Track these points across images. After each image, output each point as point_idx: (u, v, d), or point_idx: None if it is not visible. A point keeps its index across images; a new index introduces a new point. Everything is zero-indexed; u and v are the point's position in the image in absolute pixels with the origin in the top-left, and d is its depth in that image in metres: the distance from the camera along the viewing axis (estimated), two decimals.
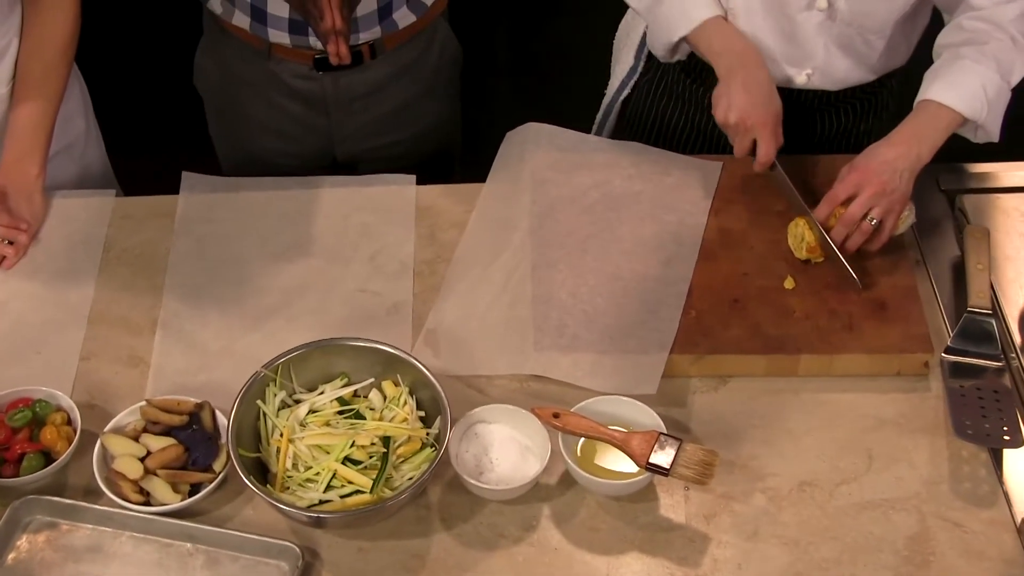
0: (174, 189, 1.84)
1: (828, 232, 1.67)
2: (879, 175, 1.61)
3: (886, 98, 1.92)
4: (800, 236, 1.68)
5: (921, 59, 1.87)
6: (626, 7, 2.00)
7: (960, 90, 1.63)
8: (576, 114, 2.04)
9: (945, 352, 1.63)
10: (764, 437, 1.55)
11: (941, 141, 1.64)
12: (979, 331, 1.63)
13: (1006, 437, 1.52)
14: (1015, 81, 1.68)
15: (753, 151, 1.71)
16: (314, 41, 1.87)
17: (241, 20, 1.87)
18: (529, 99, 2.89)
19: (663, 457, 1.43)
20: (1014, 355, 1.63)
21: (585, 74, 1.88)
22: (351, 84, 1.93)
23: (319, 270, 1.72)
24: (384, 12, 1.86)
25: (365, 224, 1.79)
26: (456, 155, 2.26)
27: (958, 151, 1.77)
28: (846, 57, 1.78)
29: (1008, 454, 1.54)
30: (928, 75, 1.68)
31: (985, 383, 1.59)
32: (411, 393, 1.50)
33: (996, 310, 1.67)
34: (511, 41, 3.57)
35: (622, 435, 1.46)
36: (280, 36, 1.86)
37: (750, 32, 1.75)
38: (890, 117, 1.94)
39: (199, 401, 1.51)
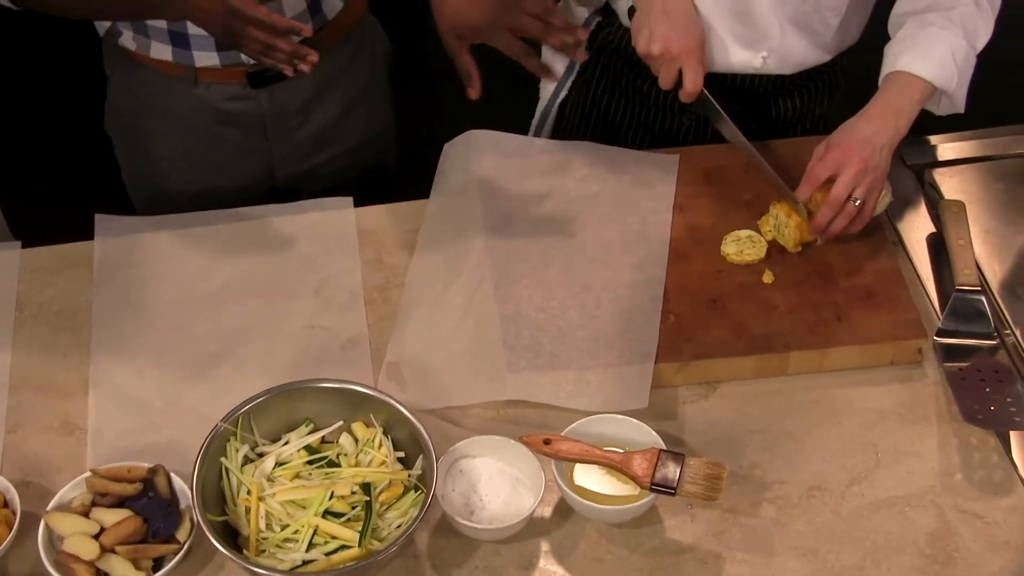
0: (82, 235, 1.76)
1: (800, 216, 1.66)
2: (860, 152, 1.61)
3: (838, 78, 1.93)
4: (784, 223, 1.67)
5: (866, 34, 1.89)
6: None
7: (931, 59, 1.64)
8: (515, 120, 2.01)
9: (937, 335, 1.63)
10: (764, 443, 1.54)
11: (916, 113, 1.65)
12: (970, 310, 1.64)
13: (1016, 418, 1.53)
14: (980, 46, 1.70)
15: (679, 82, 1.70)
16: (246, 56, 1.80)
17: (161, 51, 1.80)
18: (462, 104, 2.85)
19: (668, 475, 1.40)
20: (1008, 331, 1.64)
21: (523, 76, 1.85)
22: (287, 97, 1.88)
23: (261, 309, 1.66)
24: (314, 7, 1.81)
25: (305, 254, 1.73)
26: (394, 169, 2.22)
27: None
28: (802, 37, 1.78)
29: (1016, 436, 1.54)
30: (894, 45, 1.69)
31: (983, 363, 1.60)
32: (385, 433, 1.46)
33: (984, 286, 1.68)
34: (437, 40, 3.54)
35: (621, 456, 1.43)
36: (208, 58, 1.80)
37: (703, 15, 1.74)
38: (843, 97, 1.95)
39: (151, 466, 1.44)
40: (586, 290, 1.65)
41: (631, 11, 1.75)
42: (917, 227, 1.79)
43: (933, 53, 1.64)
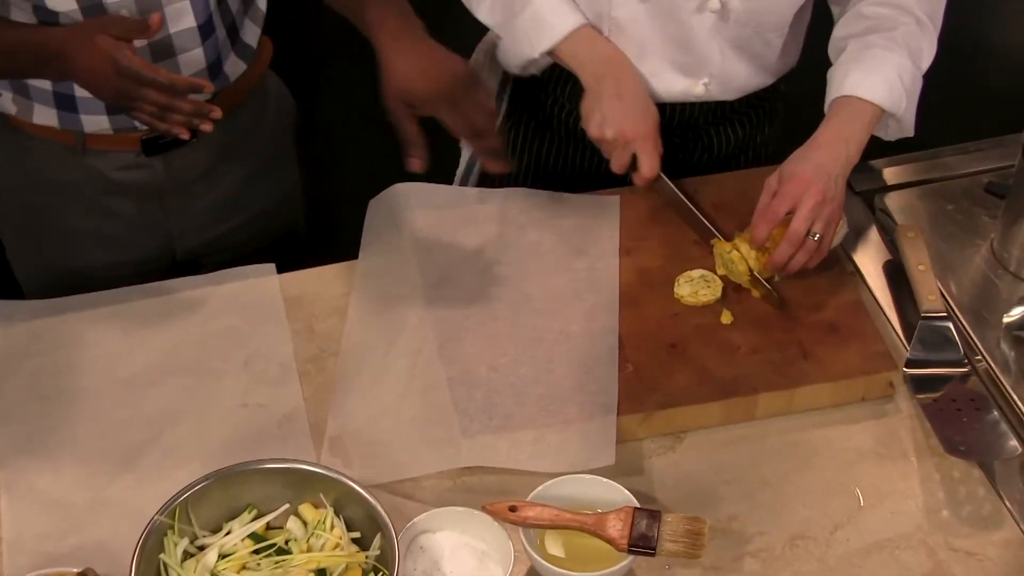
0: None
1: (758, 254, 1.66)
2: (816, 183, 1.60)
3: (778, 105, 1.94)
4: (739, 258, 1.65)
5: (803, 59, 1.91)
6: (472, 48, 1.97)
7: (877, 81, 1.65)
8: (430, 177, 1.98)
9: (907, 366, 1.63)
10: (739, 493, 1.52)
11: (866, 138, 1.67)
12: (937, 337, 1.65)
13: (1000, 447, 1.53)
14: (925, 66, 1.71)
15: (634, 165, 1.69)
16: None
17: (45, 116, 1.73)
18: (373, 161, 2.82)
19: (645, 535, 1.37)
20: (979, 357, 1.65)
21: (439, 128, 1.84)
22: (187, 164, 1.82)
23: (187, 390, 1.61)
24: (214, 68, 1.76)
25: (229, 328, 1.68)
26: (304, 234, 2.17)
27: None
28: (743, 60, 1.79)
29: (1000, 466, 1.54)
30: (837, 70, 1.70)
31: (956, 391, 1.60)
32: (337, 513, 1.41)
33: (949, 312, 1.68)
34: (345, 92, 3.52)
35: (593, 518, 1.40)
36: (97, 123, 1.74)
37: (638, 43, 1.74)
38: (782, 124, 1.96)
39: (79, 570, 1.37)
40: (537, 344, 1.62)
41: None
42: (872, 255, 1.79)
43: (879, 75, 1.65)
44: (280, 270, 1.77)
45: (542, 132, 1.91)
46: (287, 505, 1.42)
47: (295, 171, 2.06)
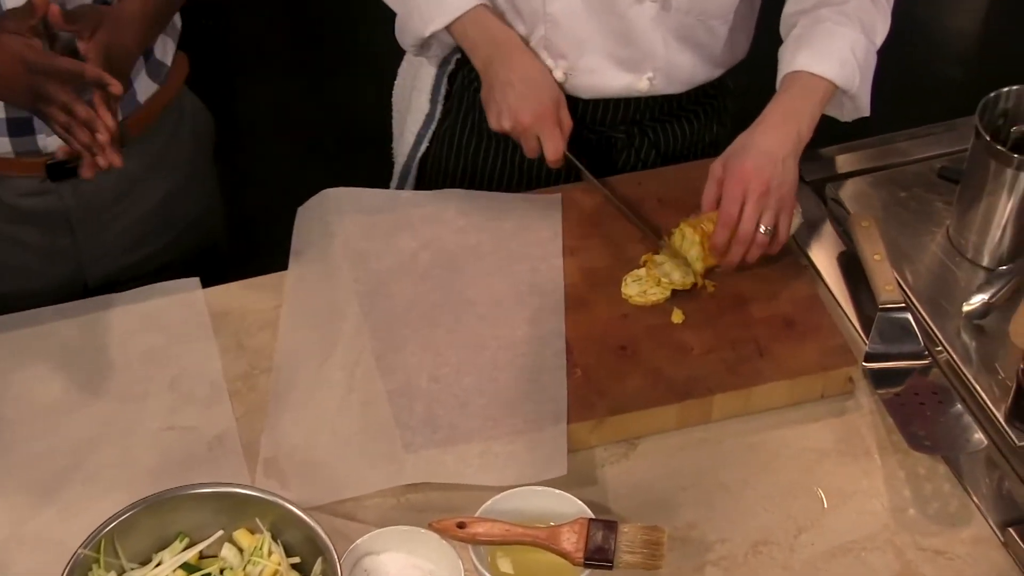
0: None
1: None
2: (760, 172, 1.59)
3: (727, 101, 1.93)
4: (691, 244, 1.64)
5: (753, 54, 1.90)
6: (402, 53, 1.95)
7: (829, 56, 1.65)
8: (372, 177, 1.97)
9: (866, 360, 1.63)
10: (697, 499, 1.51)
11: (818, 116, 1.66)
12: (896, 329, 1.65)
13: (964, 440, 1.53)
14: (879, 41, 1.71)
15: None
16: (44, 142, 1.70)
17: None
18: (296, 170, 2.80)
19: (602, 547, 1.36)
20: (939, 347, 1.65)
21: (366, 138, 1.82)
22: (97, 190, 1.78)
23: (109, 414, 1.58)
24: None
25: (153, 347, 1.65)
26: (224, 252, 2.14)
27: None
28: (688, 51, 1.78)
29: (965, 460, 1.54)
30: (788, 46, 1.69)
31: (918, 385, 1.60)
32: (275, 538, 1.38)
33: (907, 302, 1.68)
34: (266, 105, 3.50)
35: (546, 531, 1.38)
36: None
37: (576, 39, 1.73)
38: (733, 122, 1.95)
39: None
40: (480, 351, 1.60)
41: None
42: (826, 247, 1.79)
43: (831, 50, 1.65)
44: (204, 285, 1.73)
45: (479, 132, 1.89)
46: (221, 531, 1.39)
47: (214, 187, 2.03)
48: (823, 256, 1.78)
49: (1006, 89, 1.68)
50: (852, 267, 1.75)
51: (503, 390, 1.56)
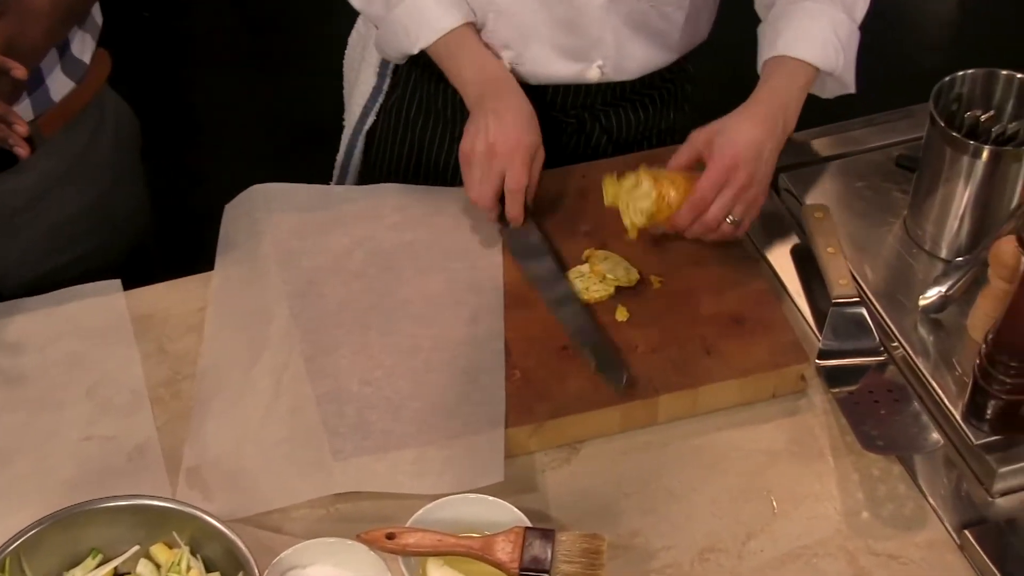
0: None
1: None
2: (747, 165, 1.58)
3: (687, 87, 1.92)
4: (645, 194, 1.61)
5: (715, 34, 1.90)
6: (337, 26, 1.94)
7: (812, 39, 1.64)
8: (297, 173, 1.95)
9: (819, 357, 1.62)
10: (642, 506, 1.50)
11: (802, 102, 1.66)
12: (850, 324, 1.64)
13: (920, 440, 1.52)
14: (860, 17, 1.71)
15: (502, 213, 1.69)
16: None
17: None
18: (220, 170, 2.78)
19: (538, 556, 1.35)
20: (895, 343, 1.64)
21: (322, 132, 1.81)
22: (8, 193, 1.75)
23: (22, 425, 1.56)
24: (34, 82, 1.69)
25: (71, 353, 1.63)
26: (154, 253, 2.12)
27: None
28: (642, 39, 1.77)
29: (921, 461, 1.54)
30: (768, 28, 1.69)
31: (874, 383, 1.60)
32: (194, 552, 1.37)
33: (862, 296, 1.67)
34: (218, 99, 3.49)
35: (480, 541, 1.37)
36: None
37: (522, 28, 1.72)
38: (693, 109, 1.95)
39: None
40: (415, 353, 1.59)
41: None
42: (779, 239, 1.79)
43: (813, 32, 1.65)
44: (129, 288, 1.72)
45: (426, 108, 1.88)
46: (137, 547, 1.38)
47: (142, 188, 2.01)
48: (776, 249, 1.77)
49: (960, 73, 1.68)
50: (806, 260, 1.75)
51: (438, 393, 1.55)
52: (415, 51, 1.72)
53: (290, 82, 3.50)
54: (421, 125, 1.89)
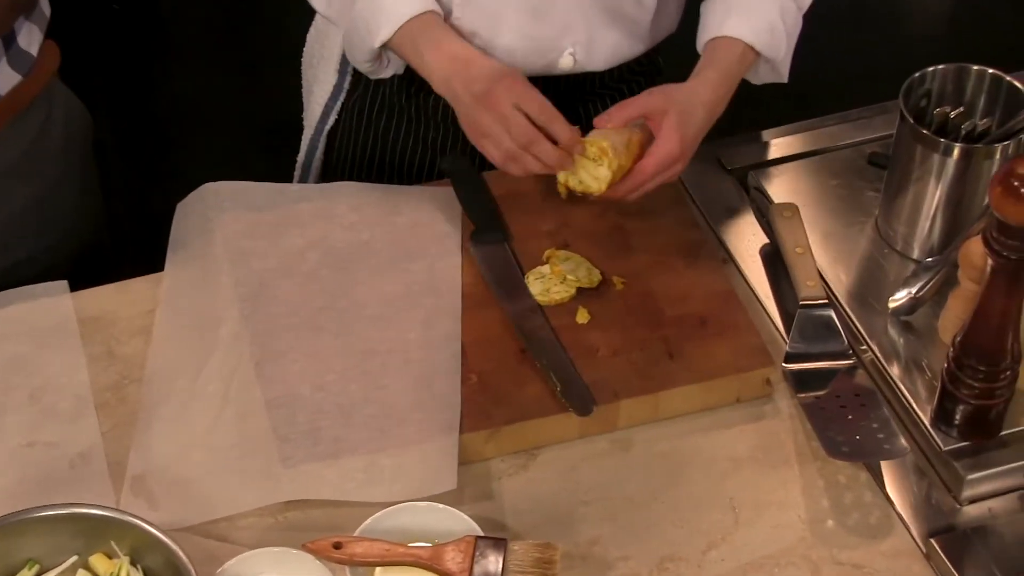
0: None
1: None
2: (692, 148, 1.62)
3: (657, 80, 1.92)
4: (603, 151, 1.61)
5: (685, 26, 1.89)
6: (308, 22, 1.93)
7: (757, 23, 1.65)
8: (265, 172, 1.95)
9: (786, 361, 1.62)
10: (601, 514, 1.50)
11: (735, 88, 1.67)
12: (818, 326, 1.64)
13: (886, 446, 1.52)
14: (806, 5, 1.71)
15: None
16: None
17: None
18: (182, 170, 2.78)
19: (488, 567, 1.36)
20: (864, 347, 1.64)
21: (268, 121, 1.80)
22: None
23: None
24: None
25: (14, 356, 1.63)
26: (109, 256, 2.11)
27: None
28: (614, 27, 1.77)
29: (888, 468, 1.54)
30: (711, 7, 1.69)
31: (842, 387, 1.59)
32: (134, 563, 1.37)
33: (831, 298, 1.67)
34: (147, 96, 3.48)
35: (429, 551, 1.37)
36: None
37: (490, 17, 1.71)
38: None
39: None
40: (369, 357, 1.59)
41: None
42: (747, 239, 1.79)
43: (757, 15, 1.66)
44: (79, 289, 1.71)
45: (389, 106, 1.88)
46: (75, 557, 1.38)
47: (93, 187, 2.00)
48: (744, 250, 1.77)
49: (931, 69, 1.68)
50: (776, 262, 1.74)
51: (392, 398, 1.55)
52: (377, 44, 1.70)
53: (260, 79, 3.49)
54: (384, 124, 1.88)
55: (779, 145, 1.91)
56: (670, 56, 1.96)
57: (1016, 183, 1.32)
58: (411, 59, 1.71)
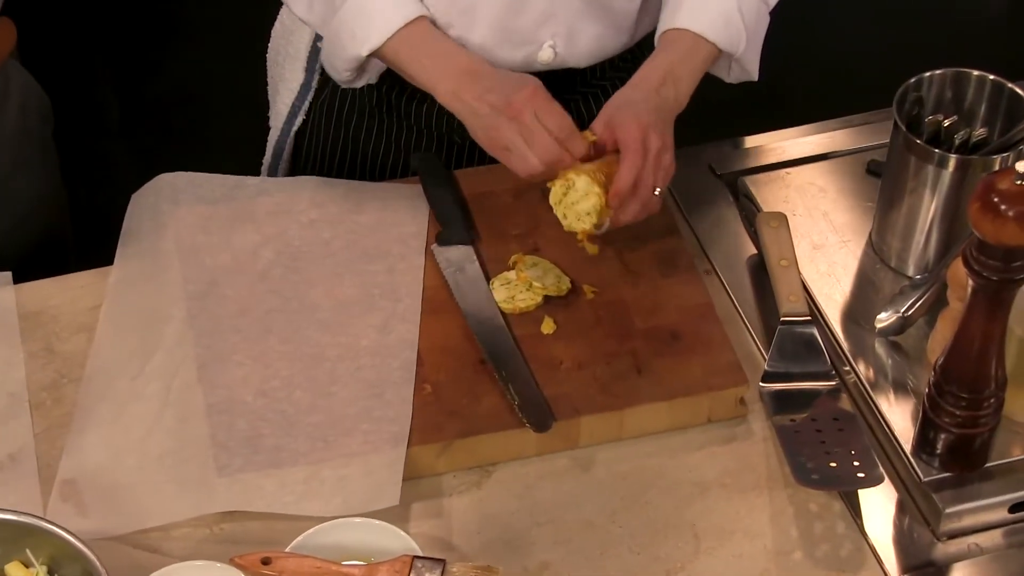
0: None
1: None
2: (655, 127, 1.60)
3: None
4: (583, 194, 1.61)
5: None
6: (274, 16, 1.94)
7: (714, 16, 1.66)
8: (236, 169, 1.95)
9: (763, 380, 1.62)
10: (555, 537, 1.50)
11: (698, 79, 1.68)
12: (799, 344, 1.64)
13: (860, 475, 1.52)
14: (774, 2, 1.71)
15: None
16: None
17: None
18: (160, 160, 2.81)
19: None
20: (847, 368, 1.64)
21: (238, 114, 1.81)
22: None
23: None
24: None
25: None
26: (69, 243, 2.13)
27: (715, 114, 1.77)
28: (596, 18, 1.77)
29: (866, 497, 1.54)
30: (666, 3, 1.70)
31: (821, 410, 1.59)
32: (52, 572, 1.38)
33: (815, 314, 1.67)
34: (122, 86, 3.49)
35: (363, 570, 1.38)
36: None
37: (465, 8, 1.71)
38: None
39: None
40: (318, 363, 1.59)
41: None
42: (732, 249, 1.79)
43: (716, 8, 1.66)
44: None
45: (360, 107, 1.88)
46: None
47: (55, 175, 2.02)
48: (728, 261, 1.77)
49: (928, 74, 1.68)
50: (762, 274, 1.74)
51: (339, 407, 1.55)
52: (364, 53, 1.68)
53: (251, 63, 3.50)
54: (354, 125, 1.88)
55: (773, 151, 1.91)
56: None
57: (996, 199, 1.31)
58: (407, 69, 1.69)
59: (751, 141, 1.92)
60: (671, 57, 1.67)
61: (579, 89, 1.88)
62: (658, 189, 1.62)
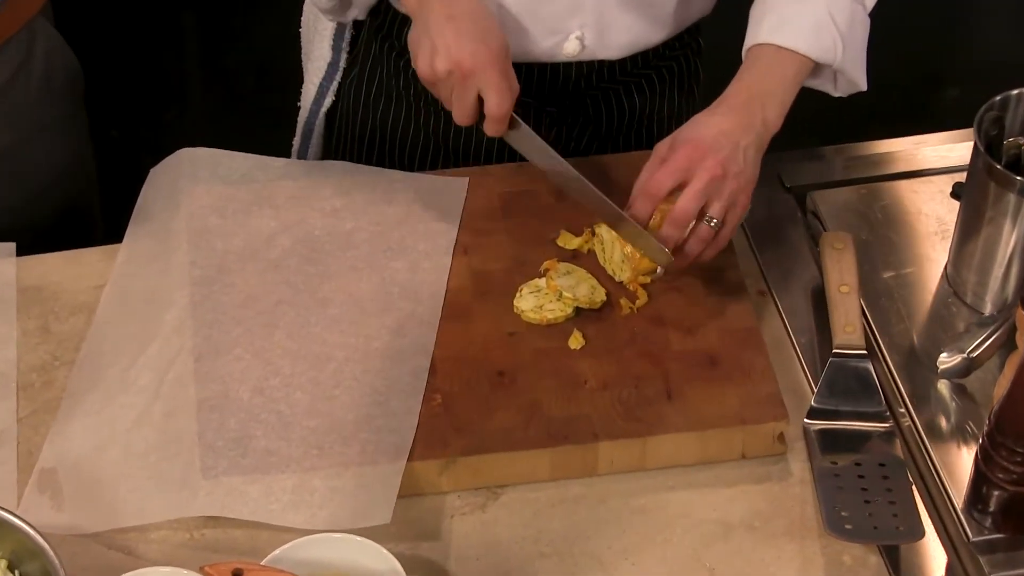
0: None
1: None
2: (716, 153, 1.58)
3: (691, 64, 1.92)
4: (618, 249, 1.65)
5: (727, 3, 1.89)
6: None
7: (800, 25, 1.64)
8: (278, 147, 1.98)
9: (808, 416, 1.61)
10: (559, 569, 1.50)
11: (791, 99, 1.65)
12: (852, 380, 1.63)
13: (900, 528, 1.50)
14: (871, 3, 1.69)
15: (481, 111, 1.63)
16: None
17: None
18: (201, 130, 2.85)
19: None
20: (903, 410, 1.62)
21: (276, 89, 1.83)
22: None
23: None
24: None
25: None
26: (96, 215, 2.17)
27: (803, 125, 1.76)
28: (629, 9, 1.77)
29: (907, 554, 1.52)
30: (755, 11, 1.69)
31: (867, 456, 1.58)
32: (12, 569, 1.40)
33: (875, 348, 1.66)
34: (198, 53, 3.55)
35: None
36: None
37: None
38: (703, 91, 1.94)
39: None
40: (324, 363, 1.61)
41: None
42: (792, 270, 1.78)
43: (804, 17, 1.65)
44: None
45: (387, 90, 1.90)
46: None
47: (84, 141, 2.06)
48: (786, 282, 1.76)
49: (1015, 92, 1.65)
50: (820, 300, 1.73)
51: (340, 412, 1.57)
52: None
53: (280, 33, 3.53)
54: (381, 109, 1.90)
55: (850, 165, 1.89)
56: (712, 36, 1.95)
57: None
58: None
59: (824, 154, 1.91)
60: (755, 75, 1.65)
61: (617, 79, 1.87)
62: (713, 220, 1.60)
